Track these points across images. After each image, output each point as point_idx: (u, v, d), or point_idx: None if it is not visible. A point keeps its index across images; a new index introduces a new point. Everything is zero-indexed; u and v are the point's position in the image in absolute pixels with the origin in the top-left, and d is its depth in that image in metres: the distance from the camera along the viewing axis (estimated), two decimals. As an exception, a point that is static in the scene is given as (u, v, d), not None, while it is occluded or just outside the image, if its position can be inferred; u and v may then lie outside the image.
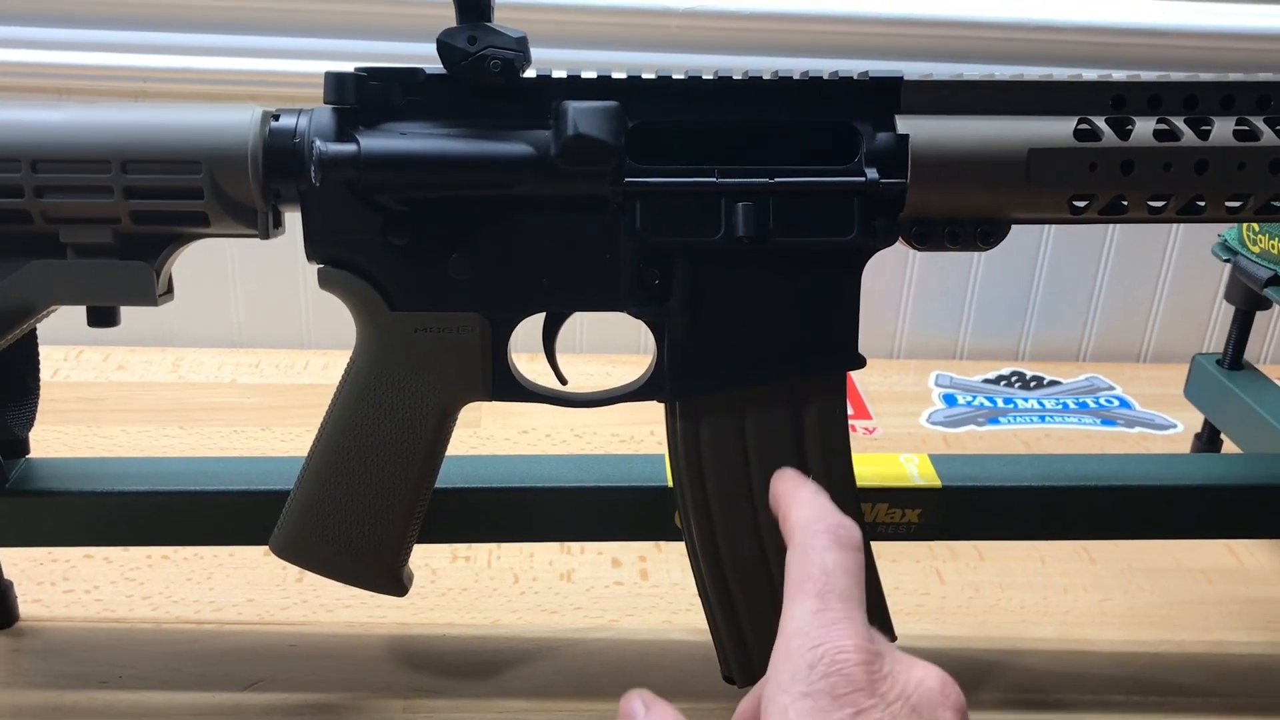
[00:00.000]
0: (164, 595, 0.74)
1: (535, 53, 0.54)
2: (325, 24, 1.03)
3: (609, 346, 1.13)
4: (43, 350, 0.66)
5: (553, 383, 0.61)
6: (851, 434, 0.98)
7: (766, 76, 0.56)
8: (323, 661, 0.68)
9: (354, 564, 0.60)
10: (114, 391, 1.03)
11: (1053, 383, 1.14)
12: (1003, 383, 1.14)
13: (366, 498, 0.59)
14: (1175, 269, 1.19)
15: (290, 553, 0.61)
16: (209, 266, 1.11)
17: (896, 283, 1.17)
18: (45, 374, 0.66)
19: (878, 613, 0.61)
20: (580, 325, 1.14)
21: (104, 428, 0.96)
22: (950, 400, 1.09)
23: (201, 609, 0.72)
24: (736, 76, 0.56)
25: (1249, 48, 1.07)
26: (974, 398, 1.10)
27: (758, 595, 0.60)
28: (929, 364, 1.18)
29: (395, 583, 0.61)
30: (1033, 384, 1.14)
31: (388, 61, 0.55)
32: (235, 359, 1.10)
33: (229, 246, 1.09)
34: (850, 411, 1.05)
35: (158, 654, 0.68)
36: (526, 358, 0.61)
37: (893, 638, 0.62)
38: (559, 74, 0.55)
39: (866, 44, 1.04)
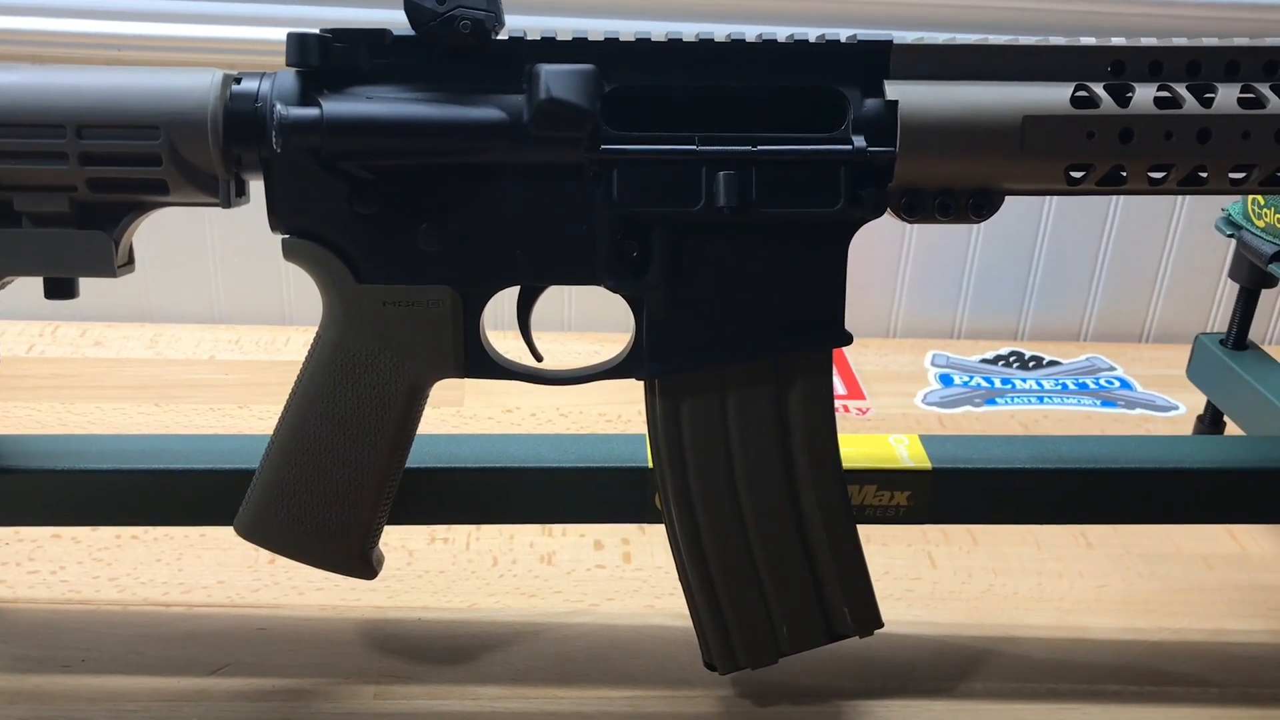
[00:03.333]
0: (131, 576, 0.72)
1: (522, 20, 0.52)
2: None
3: (600, 324, 1.11)
4: (16, 325, 0.63)
5: (558, 363, 0.59)
6: (845, 415, 0.98)
7: (750, 39, 0.53)
8: (293, 645, 0.66)
9: (321, 546, 0.58)
10: (90, 368, 1.01)
11: (1052, 363, 1.12)
12: (1001, 363, 1.12)
13: (333, 478, 0.57)
14: (1179, 246, 1.16)
15: (255, 534, 0.59)
16: (188, 240, 1.09)
17: (892, 259, 1.14)
18: (19, 350, 0.64)
19: (862, 601, 0.59)
20: (569, 301, 1.12)
21: (78, 405, 0.93)
22: (947, 380, 1.07)
23: (170, 591, 0.70)
24: (719, 39, 0.53)
25: (1252, 18, 1.05)
26: (971, 378, 1.07)
27: (740, 580, 0.59)
28: (926, 343, 1.15)
29: (364, 565, 0.59)
30: (1031, 364, 1.11)
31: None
32: (215, 335, 1.08)
33: (208, 219, 1.07)
34: (843, 391, 1.02)
35: (123, 637, 0.66)
36: (512, 335, 0.59)
37: (879, 625, 0.60)
38: (533, 35, 0.53)
39: (863, 13, 1.02)
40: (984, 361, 1.12)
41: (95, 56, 1.00)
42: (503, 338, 0.59)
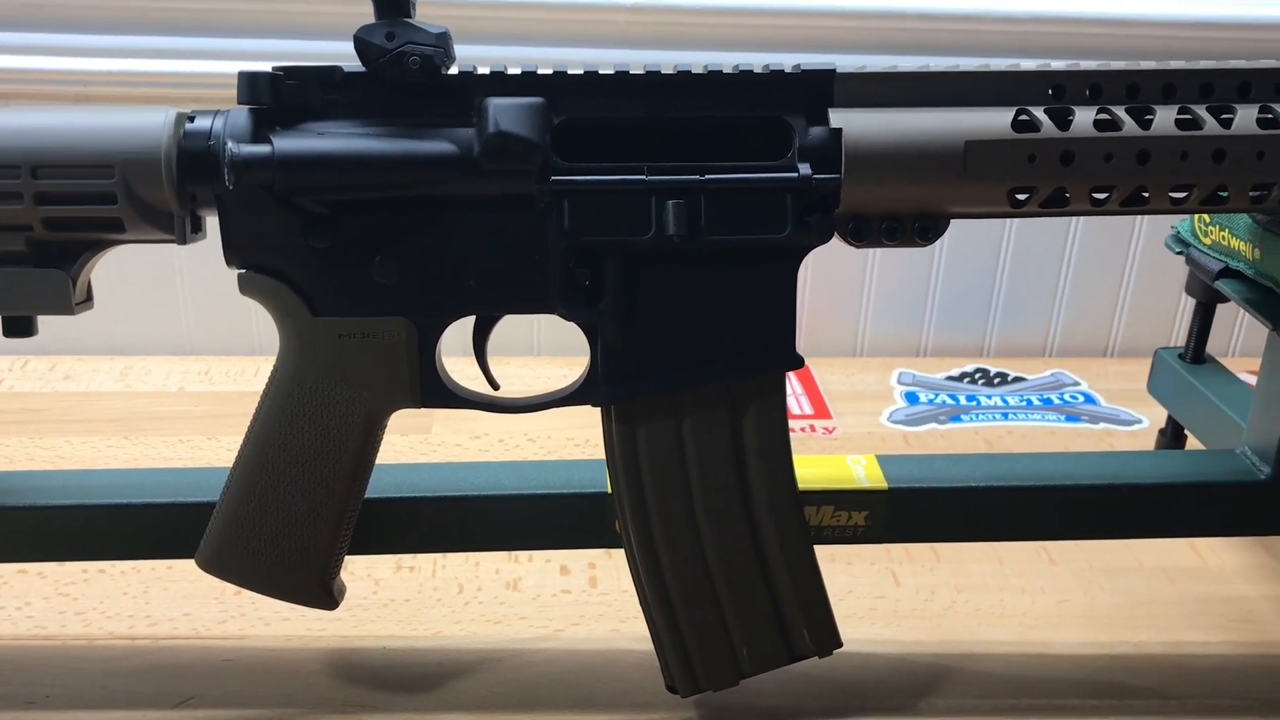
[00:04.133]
0: (98, 610, 0.72)
1: (486, 50, 0.53)
2: (276, 25, 1.01)
3: (569, 348, 1.11)
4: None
5: (526, 387, 0.59)
6: (811, 434, 0.99)
7: (697, 70, 0.54)
8: (258, 677, 0.66)
9: (282, 577, 0.59)
10: (59, 402, 1.01)
11: (1018, 379, 1.13)
12: (966, 380, 1.13)
13: (292, 510, 0.57)
14: (1141, 261, 1.18)
15: (216, 567, 0.59)
16: (158, 272, 1.09)
17: (857, 279, 1.15)
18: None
19: (821, 621, 0.60)
20: (537, 326, 1.12)
21: (47, 439, 0.94)
22: (912, 398, 1.07)
23: (136, 624, 0.71)
24: (666, 70, 0.54)
25: (1190, 36, 1.06)
26: (937, 395, 1.08)
27: (699, 602, 0.59)
28: (892, 362, 1.16)
29: (325, 596, 0.60)
30: (997, 380, 1.12)
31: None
32: (185, 366, 1.08)
33: (177, 251, 1.07)
34: (810, 411, 1.03)
35: (88, 671, 0.66)
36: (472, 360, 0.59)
37: (838, 644, 0.60)
38: (482, 70, 0.53)
39: (817, 37, 1.03)
40: (950, 379, 1.13)
41: (61, 94, 1.00)
42: (470, 364, 0.60)
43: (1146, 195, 0.55)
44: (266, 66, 0.53)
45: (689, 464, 0.58)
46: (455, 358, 0.59)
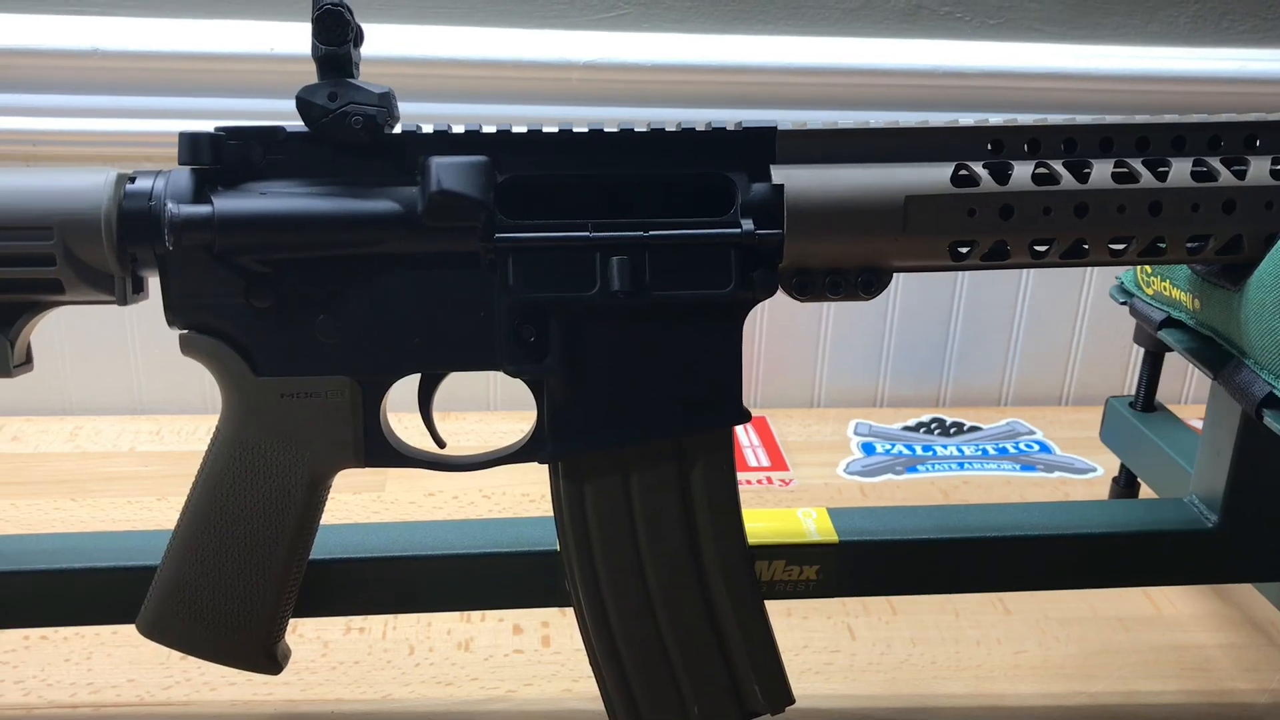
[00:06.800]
0: (38, 679, 0.70)
1: (442, 109, 0.54)
2: (222, 85, 1.01)
3: (525, 403, 1.11)
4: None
5: (482, 442, 0.59)
6: (767, 486, 0.99)
7: (640, 128, 0.54)
8: (203, 744, 0.65)
9: (224, 642, 0.57)
10: (5, 464, 0.99)
11: (973, 428, 1.14)
12: (923, 429, 1.13)
13: (235, 573, 0.56)
14: (1093, 309, 1.19)
15: (157, 632, 0.58)
16: (108, 331, 1.08)
17: (813, 330, 1.16)
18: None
19: (773, 677, 0.59)
20: (493, 381, 1.12)
21: (-9, 502, 0.92)
22: (869, 449, 1.08)
23: (78, 691, 0.69)
24: (609, 129, 0.54)
25: (1126, 89, 1.08)
26: (893, 446, 1.08)
27: (649, 660, 0.58)
28: (849, 412, 1.16)
29: (269, 661, 0.59)
30: (953, 430, 1.13)
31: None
32: (136, 426, 1.07)
33: (128, 310, 1.06)
34: (766, 463, 1.03)
35: (27, 743, 0.65)
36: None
37: (790, 701, 0.60)
38: (426, 129, 0.54)
39: (761, 94, 1.04)
40: (906, 429, 1.13)
41: (11, 153, 1.00)
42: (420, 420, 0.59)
43: (1086, 247, 0.56)
44: (212, 126, 0.53)
45: (637, 520, 0.57)
46: (409, 413, 0.59)
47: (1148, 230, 0.55)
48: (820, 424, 1.14)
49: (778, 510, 0.68)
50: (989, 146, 0.55)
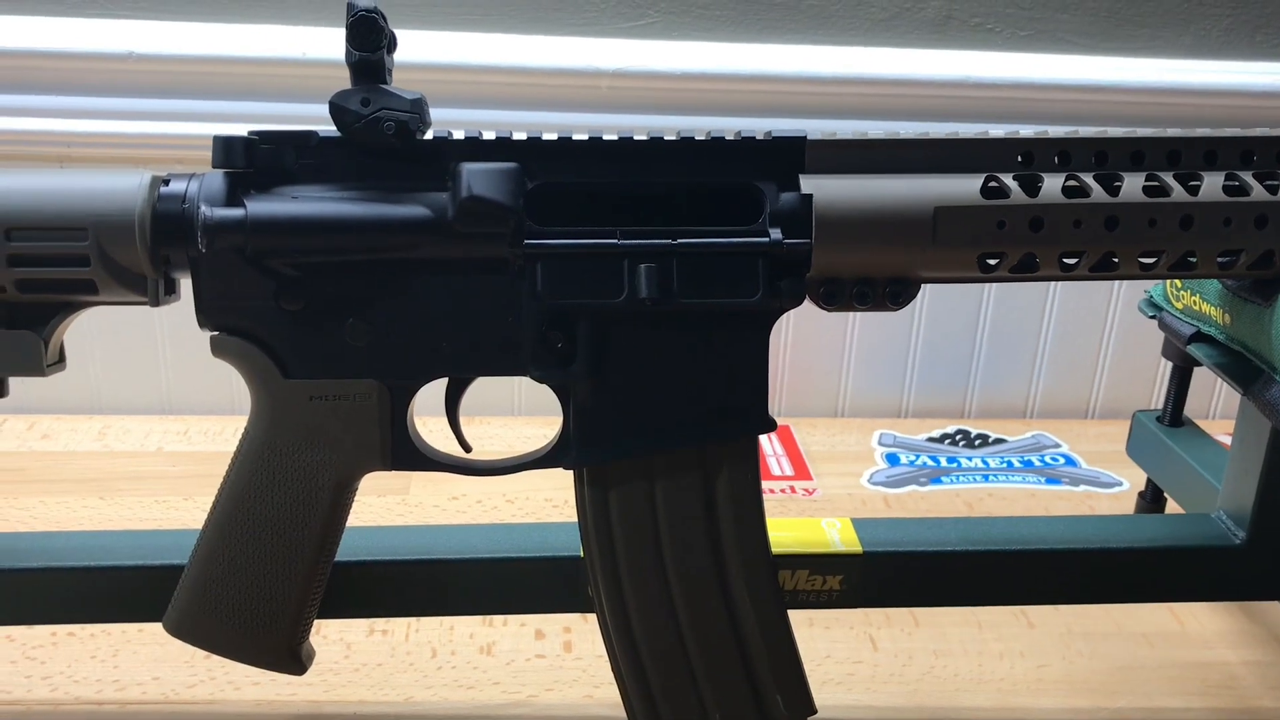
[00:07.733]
0: (65, 675, 0.71)
1: (470, 115, 0.54)
2: (256, 88, 1.02)
3: (551, 409, 1.11)
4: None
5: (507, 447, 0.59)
6: (791, 495, 0.99)
7: (669, 137, 0.55)
8: (227, 743, 0.65)
9: (249, 642, 0.58)
10: (35, 462, 1.00)
11: (998, 440, 1.13)
12: (947, 441, 1.13)
13: (261, 574, 0.57)
14: (1120, 322, 1.18)
15: (184, 631, 0.59)
16: (138, 331, 1.09)
17: (838, 340, 1.16)
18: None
19: (795, 687, 0.59)
20: (518, 386, 1.12)
21: (21, 500, 0.93)
22: (893, 460, 1.07)
23: (104, 688, 0.70)
24: (639, 137, 0.55)
25: (1159, 102, 1.08)
26: (917, 457, 1.08)
27: (672, 668, 0.58)
28: (874, 423, 1.16)
29: (293, 661, 0.59)
30: (978, 442, 1.12)
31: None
32: (164, 426, 1.08)
33: (157, 311, 1.07)
34: (790, 472, 1.03)
35: (53, 738, 0.65)
36: (464, 420, 0.59)
37: (812, 710, 0.60)
38: (457, 135, 0.54)
39: (791, 103, 1.04)
40: (931, 440, 1.13)
41: (45, 155, 1.01)
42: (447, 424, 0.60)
43: (1116, 260, 0.56)
44: (245, 130, 0.54)
45: (661, 527, 0.57)
46: (434, 417, 0.59)
47: (1178, 244, 0.55)
48: (844, 434, 1.13)
49: (801, 520, 0.68)
50: (1019, 158, 0.55)
